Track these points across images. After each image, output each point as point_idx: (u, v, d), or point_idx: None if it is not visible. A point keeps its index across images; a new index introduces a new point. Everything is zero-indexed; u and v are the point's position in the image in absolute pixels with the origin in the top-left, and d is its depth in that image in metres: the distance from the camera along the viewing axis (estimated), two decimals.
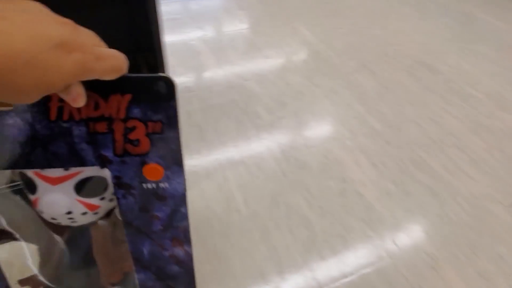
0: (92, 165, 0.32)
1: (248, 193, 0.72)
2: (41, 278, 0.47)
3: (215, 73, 1.02)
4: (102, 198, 0.39)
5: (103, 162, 0.32)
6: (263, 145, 0.82)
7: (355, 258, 0.63)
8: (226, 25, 1.24)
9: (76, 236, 0.44)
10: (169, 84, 0.29)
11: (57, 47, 0.22)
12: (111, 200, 0.39)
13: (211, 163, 0.77)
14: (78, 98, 0.26)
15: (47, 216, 0.39)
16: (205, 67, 1.04)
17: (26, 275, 0.47)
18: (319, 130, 0.87)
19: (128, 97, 0.29)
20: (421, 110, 0.94)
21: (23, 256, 0.45)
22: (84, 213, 0.39)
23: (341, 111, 0.92)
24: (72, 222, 0.39)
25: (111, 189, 0.38)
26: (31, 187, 0.36)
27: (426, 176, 0.77)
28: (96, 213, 0.40)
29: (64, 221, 0.39)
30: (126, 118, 0.30)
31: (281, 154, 0.80)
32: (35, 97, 0.24)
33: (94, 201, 0.38)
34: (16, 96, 0.23)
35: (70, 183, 0.36)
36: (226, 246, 0.63)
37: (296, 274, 0.60)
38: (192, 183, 0.73)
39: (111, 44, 0.29)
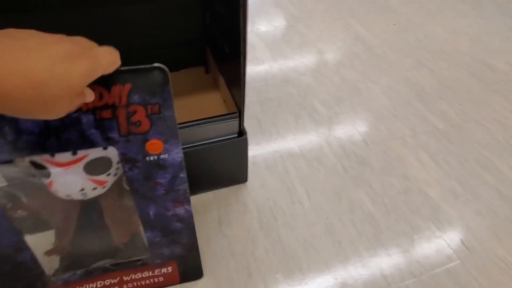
0: (101, 146, 0.37)
1: (310, 187, 0.72)
2: (63, 245, 0.52)
3: (270, 66, 1.02)
4: (108, 174, 0.43)
5: (110, 142, 0.37)
6: (322, 139, 0.81)
7: (423, 258, 0.61)
8: (279, 19, 1.24)
9: (88, 207, 0.50)
10: (163, 72, 0.34)
11: (64, 60, 0.26)
12: (115, 174, 0.44)
13: (271, 155, 0.78)
14: (90, 96, 0.31)
15: (61, 194, 0.44)
16: (260, 61, 1.05)
17: (50, 246, 0.52)
18: (378, 127, 0.85)
19: (128, 86, 0.33)
20: (484, 109, 0.90)
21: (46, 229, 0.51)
22: (94, 188, 0.44)
23: (400, 109, 0.90)
24: (84, 196, 0.44)
25: (115, 165, 0.43)
26: (45, 173, 0.40)
27: (493, 178, 0.74)
28: (104, 187, 0.45)
29: (77, 196, 0.44)
30: (128, 104, 0.34)
31: (341, 149, 0.79)
32: (64, 106, 0.27)
33: (102, 177, 0.43)
34: (49, 108, 0.26)
35: (80, 165, 0.40)
36: (290, 238, 0.63)
37: (363, 270, 0.59)
38: (252, 173, 0.73)
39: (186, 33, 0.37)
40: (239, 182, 0.71)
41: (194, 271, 0.56)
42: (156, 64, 0.33)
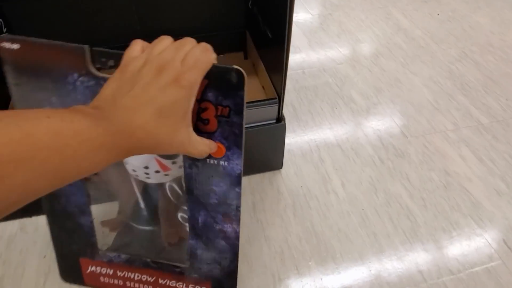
0: None
1: (345, 177, 0.71)
2: (118, 221, 0.54)
3: (307, 55, 1.01)
4: (174, 162, 0.44)
5: None
6: (359, 130, 0.80)
7: (462, 255, 0.59)
8: (317, 7, 1.22)
9: (149, 195, 0.51)
10: (240, 76, 0.34)
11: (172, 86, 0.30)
12: (180, 166, 0.44)
13: (306, 143, 0.77)
14: (213, 148, 0.38)
15: (129, 167, 0.45)
16: (297, 49, 1.03)
17: (108, 217, 0.54)
18: (418, 119, 0.82)
19: (205, 82, 0.34)
20: None
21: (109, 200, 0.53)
22: (157, 171, 0.44)
23: (442, 102, 0.87)
24: (146, 177, 0.45)
25: (181, 157, 0.42)
26: None
27: None
28: (166, 175, 0.45)
29: (141, 174, 0.45)
30: (201, 100, 0.35)
31: (378, 140, 0.78)
32: (187, 125, 0.33)
33: (167, 162, 0.44)
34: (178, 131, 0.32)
35: None
36: (324, 226, 0.63)
37: (398, 264, 0.58)
38: (287, 161, 0.73)
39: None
40: (273, 168, 0.71)
41: None
42: (235, 66, 0.33)
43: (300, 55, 1.01)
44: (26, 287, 0.55)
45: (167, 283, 0.51)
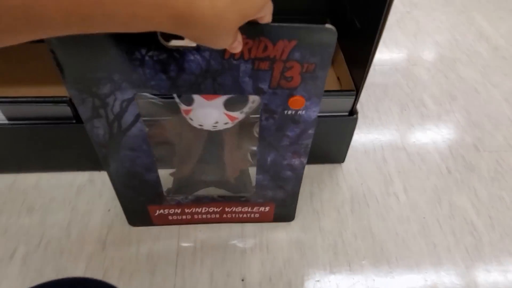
0: (249, 94, 0.38)
1: (408, 182, 0.68)
2: (186, 170, 0.58)
3: (380, 51, 0.97)
4: (242, 112, 0.45)
5: (258, 92, 0.38)
6: (427, 136, 0.77)
7: None
8: (394, 3, 1.16)
9: (213, 139, 0.53)
10: (333, 34, 0.33)
11: None
12: (246, 113, 0.46)
13: (370, 141, 0.75)
14: (238, 46, 0.30)
15: (195, 123, 0.47)
16: None
17: (174, 169, 0.58)
18: (494, 134, 0.78)
19: (294, 42, 0.33)
20: None
21: (172, 153, 0.56)
22: (226, 123, 0.46)
23: None
24: (214, 128, 0.47)
25: (249, 105, 0.45)
26: (189, 100, 0.44)
27: None
28: (234, 123, 0.47)
29: (208, 128, 0.47)
30: (287, 59, 0.35)
31: (447, 150, 0.74)
32: (230, 39, 0.28)
33: (236, 114, 0.45)
34: (219, 38, 0.26)
35: (221, 100, 0.43)
36: (381, 228, 0.61)
37: (457, 279, 0.56)
38: (349, 156, 0.71)
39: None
40: (335, 161, 0.70)
41: (288, 213, 0.60)
42: (327, 25, 0.33)
43: None
44: (90, 236, 0.58)
45: (233, 210, 0.57)
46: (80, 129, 0.59)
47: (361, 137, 0.76)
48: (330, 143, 0.66)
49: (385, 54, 0.97)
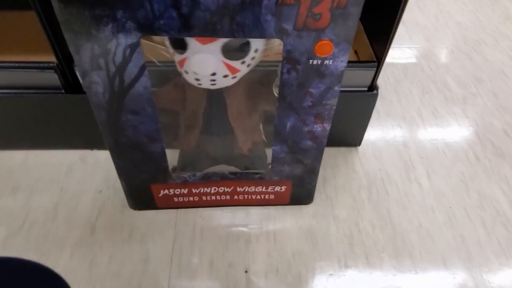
0: (271, 37, 0.33)
1: (432, 168, 0.61)
2: (192, 139, 0.51)
3: (398, 33, 0.90)
4: (243, 62, 0.39)
5: (281, 35, 0.33)
6: (452, 120, 0.70)
7: None
8: None
9: (214, 101, 0.46)
10: None
11: None
12: (248, 65, 0.40)
13: (389, 124, 0.68)
14: None
15: (191, 76, 0.40)
16: None
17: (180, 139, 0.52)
18: None
19: None
20: None
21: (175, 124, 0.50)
22: (225, 76, 0.40)
23: None
24: (212, 84, 0.41)
25: (251, 54, 0.38)
26: (182, 45, 0.37)
27: None
28: (234, 77, 0.41)
29: (206, 82, 0.40)
30: None
31: (474, 135, 0.67)
32: None
33: (236, 64, 0.39)
34: None
35: (218, 44, 0.36)
36: (402, 218, 0.55)
37: (489, 276, 0.49)
38: (366, 139, 0.65)
39: None
40: (351, 144, 0.64)
41: (305, 194, 0.54)
42: None
43: None
44: (79, 218, 0.53)
45: (246, 190, 0.51)
46: (70, 100, 0.54)
47: (379, 119, 0.69)
48: (346, 123, 0.60)
49: (404, 34, 0.90)
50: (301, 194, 0.53)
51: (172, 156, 0.48)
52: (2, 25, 0.60)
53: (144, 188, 0.49)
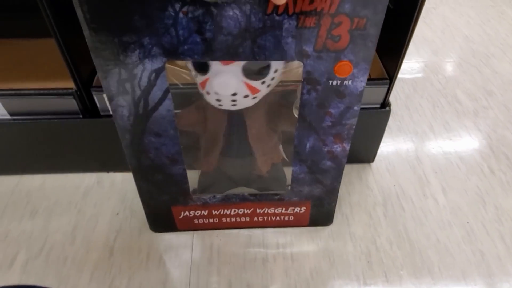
0: (291, 59, 0.34)
1: (447, 183, 0.61)
2: (212, 160, 0.51)
3: None
4: (263, 82, 0.40)
5: (301, 57, 0.33)
6: (465, 133, 0.70)
7: None
8: None
9: (234, 123, 0.47)
10: None
11: None
12: (268, 86, 0.41)
13: (401, 139, 0.68)
14: None
15: (212, 97, 0.41)
16: None
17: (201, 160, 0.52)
18: None
19: None
20: None
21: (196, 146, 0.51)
22: (246, 96, 0.40)
23: None
24: (233, 105, 0.41)
25: (271, 74, 0.39)
26: (204, 67, 0.38)
27: None
28: (254, 98, 0.41)
29: (227, 103, 0.41)
30: (336, 13, 0.31)
31: (488, 148, 0.67)
32: None
33: (256, 84, 0.39)
34: None
35: (239, 65, 0.37)
36: (419, 233, 0.55)
37: None
38: (379, 155, 0.65)
39: None
40: (364, 161, 0.64)
41: (325, 216, 0.54)
42: None
43: None
44: (97, 241, 0.53)
45: (265, 211, 0.51)
46: (87, 125, 0.55)
47: (391, 135, 0.69)
48: (359, 139, 0.60)
49: (411, 49, 0.91)
50: (321, 215, 0.53)
51: (192, 178, 0.49)
52: (20, 52, 0.62)
53: (165, 210, 0.50)
